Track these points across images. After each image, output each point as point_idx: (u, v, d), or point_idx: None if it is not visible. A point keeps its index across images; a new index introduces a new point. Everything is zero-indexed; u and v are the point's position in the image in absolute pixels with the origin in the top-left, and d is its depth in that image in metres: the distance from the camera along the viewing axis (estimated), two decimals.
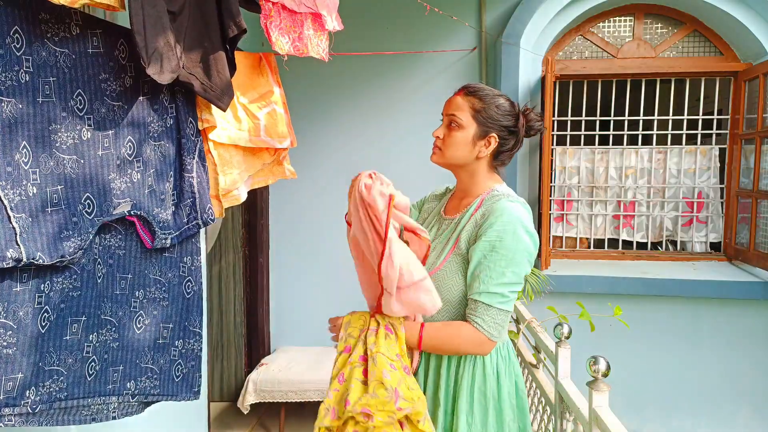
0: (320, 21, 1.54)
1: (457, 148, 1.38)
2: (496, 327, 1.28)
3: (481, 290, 1.28)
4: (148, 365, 1.27)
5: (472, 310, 1.30)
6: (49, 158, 1.05)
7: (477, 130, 1.36)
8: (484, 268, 1.28)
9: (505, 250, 1.27)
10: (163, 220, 1.24)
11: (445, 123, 1.41)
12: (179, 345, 1.32)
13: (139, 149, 1.22)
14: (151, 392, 1.28)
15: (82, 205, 1.11)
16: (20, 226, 0.99)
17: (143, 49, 1.06)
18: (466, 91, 1.39)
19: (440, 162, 1.43)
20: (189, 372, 1.34)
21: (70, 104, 1.08)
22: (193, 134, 1.30)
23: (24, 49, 1.00)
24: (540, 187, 3.18)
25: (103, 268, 1.18)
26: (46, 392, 1.09)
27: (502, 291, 1.28)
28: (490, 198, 1.38)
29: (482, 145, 1.38)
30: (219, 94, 1.27)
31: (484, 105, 1.36)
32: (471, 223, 1.35)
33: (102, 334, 1.19)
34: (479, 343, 1.29)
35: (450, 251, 1.36)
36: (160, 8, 1.09)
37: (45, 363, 1.08)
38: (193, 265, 1.33)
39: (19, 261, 0.97)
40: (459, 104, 1.38)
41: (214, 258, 3.55)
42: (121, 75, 1.17)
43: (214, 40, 1.25)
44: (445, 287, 1.35)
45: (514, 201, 1.34)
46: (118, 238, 1.20)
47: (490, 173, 1.43)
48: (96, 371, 1.19)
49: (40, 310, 1.05)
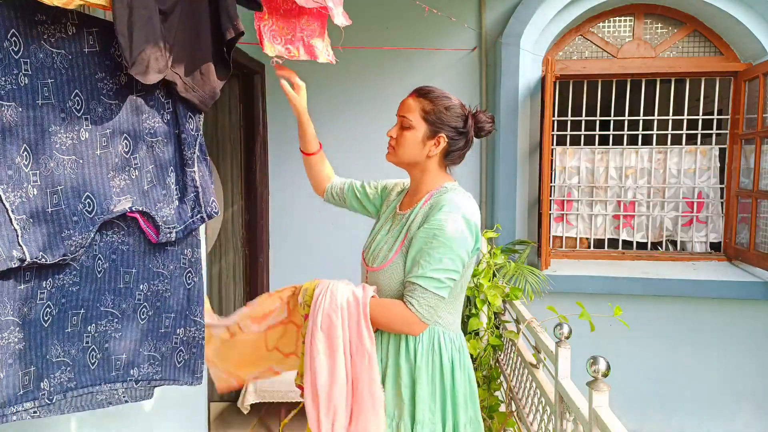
0: (321, 22, 1.55)
1: (408, 148, 1.45)
2: (429, 310, 1.35)
3: (419, 274, 1.34)
4: (151, 353, 1.31)
5: (409, 291, 1.36)
6: (49, 160, 1.06)
7: (426, 131, 1.43)
8: (424, 254, 1.34)
9: (445, 238, 1.33)
10: (167, 215, 1.26)
11: (398, 123, 1.48)
12: (180, 333, 1.35)
13: (137, 146, 1.22)
14: (153, 377, 1.32)
15: (82, 204, 1.11)
16: (21, 228, 1.00)
17: (126, 50, 1.06)
18: (417, 93, 1.46)
19: (393, 161, 1.51)
20: (191, 358, 1.37)
21: (68, 105, 1.08)
22: (192, 129, 1.31)
23: (22, 52, 1.00)
24: (540, 187, 3.18)
25: (105, 263, 1.20)
26: (57, 382, 1.14)
27: (439, 276, 1.33)
28: (438, 193, 1.45)
29: (432, 144, 1.44)
30: (201, 95, 1.27)
31: (433, 107, 1.43)
32: (419, 215, 1.42)
33: (101, 325, 1.22)
34: (410, 323, 1.36)
35: (399, 246, 1.43)
36: (151, 8, 1.09)
37: (52, 355, 1.12)
38: (194, 257, 1.35)
39: (23, 261, 0.99)
40: (410, 106, 1.45)
41: (214, 258, 3.55)
42: (117, 73, 1.17)
43: (203, 40, 1.26)
44: (395, 281, 1.42)
45: (460, 193, 1.43)
46: (121, 234, 1.22)
47: (440, 171, 1.50)
48: (98, 360, 1.22)
49: (42, 305, 1.08)
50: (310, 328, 1.38)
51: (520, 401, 2.10)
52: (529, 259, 3.29)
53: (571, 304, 2.15)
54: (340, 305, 1.37)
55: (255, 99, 3.39)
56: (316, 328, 1.37)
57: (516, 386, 2.20)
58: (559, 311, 1.99)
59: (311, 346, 1.37)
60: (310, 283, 1.47)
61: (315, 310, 1.39)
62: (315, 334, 1.37)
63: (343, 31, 1.65)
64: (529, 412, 2.00)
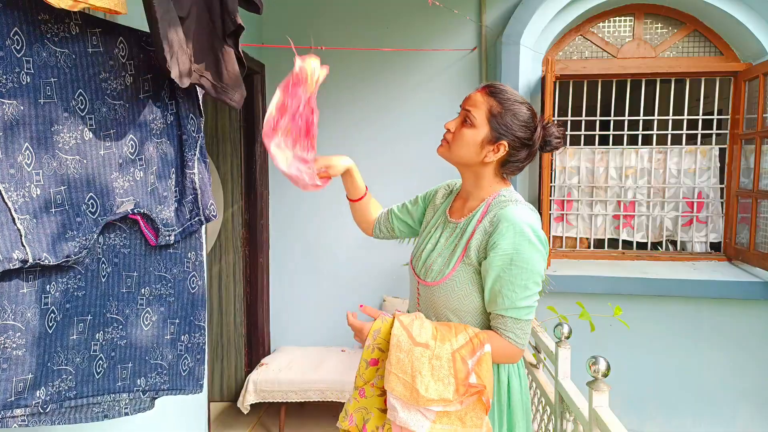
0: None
1: (464, 147, 1.31)
2: (525, 336, 1.28)
3: (507, 306, 1.25)
4: (158, 361, 1.28)
5: (500, 324, 1.27)
6: (51, 159, 1.05)
7: (488, 134, 1.29)
8: (505, 283, 1.24)
9: (523, 262, 1.23)
10: (166, 218, 1.25)
11: (460, 117, 1.34)
12: (185, 340, 1.33)
13: (141, 147, 1.22)
14: (161, 387, 1.30)
15: (85, 205, 1.11)
16: (25, 228, 0.99)
17: (168, 53, 1.06)
18: (488, 90, 1.31)
19: (445, 156, 1.37)
20: (194, 366, 1.35)
21: (72, 104, 1.08)
22: (194, 130, 1.31)
23: (24, 51, 1.00)
24: (540, 187, 3.18)
25: (108, 267, 1.18)
26: (55, 392, 1.10)
27: (528, 303, 1.26)
28: (496, 203, 1.32)
29: (490, 150, 1.31)
30: (231, 93, 1.27)
31: (501, 109, 1.29)
32: (480, 231, 1.30)
33: (108, 333, 1.20)
34: (512, 355, 1.28)
35: (458, 260, 1.31)
36: (173, 14, 1.10)
37: (53, 363, 1.09)
38: (197, 261, 1.34)
39: (25, 262, 0.98)
40: (477, 101, 1.31)
41: (214, 258, 3.55)
42: (122, 74, 1.17)
43: (219, 39, 1.26)
44: (454, 297, 1.31)
45: (521, 206, 1.30)
46: (123, 236, 1.21)
47: (496, 178, 1.37)
48: (104, 369, 1.19)
49: (46, 310, 1.06)
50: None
51: None
52: None
53: (571, 304, 2.15)
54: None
55: (255, 99, 3.40)
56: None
57: None
58: (559, 311, 2.00)
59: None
60: (381, 323, 1.28)
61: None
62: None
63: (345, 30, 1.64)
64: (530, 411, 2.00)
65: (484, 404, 1.19)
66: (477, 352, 1.20)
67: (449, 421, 1.16)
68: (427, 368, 1.16)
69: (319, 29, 3.40)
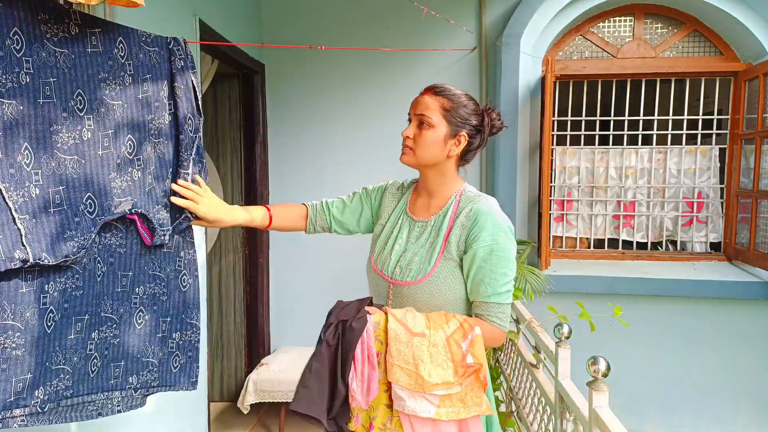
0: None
1: (429, 148, 1.39)
2: (507, 318, 1.38)
3: (490, 293, 1.35)
4: (149, 359, 1.29)
5: (484, 310, 1.36)
6: (50, 159, 1.05)
7: (448, 130, 1.39)
8: (487, 272, 1.34)
9: (502, 251, 1.34)
10: (162, 218, 1.25)
11: (415, 123, 1.42)
12: (176, 337, 1.33)
13: (139, 148, 1.22)
14: (151, 384, 1.30)
15: (83, 204, 1.11)
16: (25, 227, 0.99)
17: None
18: (434, 91, 1.41)
19: (411, 162, 1.43)
20: (186, 363, 1.35)
21: (71, 104, 1.08)
22: (191, 130, 1.31)
23: (24, 51, 1.00)
24: (540, 187, 3.18)
25: (104, 266, 1.18)
26: (53, 391, 1.10)
27: (508, 288, 1.37)
28: (466, 199, 1.42)
29: (453, 144, 1.40)
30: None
31: (453, 104, 1.39)
32: (458, 226, 1.39)
33: (102, 331, 1.20)
34: (497, 338, 1.38)
35: (439, 256, 1.39)
36: None
37: (51, 362, 1.09)
38: (188, 258, 1.34)
39: (25, 262, 0.98)
40: (429, 104, 1.40)
41: (214, 258, 3.55)
42: (120, 74, 1.17)
43: None
44: (438, 292, 1.38)
45: (491, 200, 1.42)
46: (119, 236, 1.21)
47: (456, 173, 1.48)
48: (98, 368, 1.20)
49: (45, 310, 1.05)
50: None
51: (520, 401, 2.11)
52: (529, 259, 3.29)
53: (571, 304, 2.15)
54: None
55: (255, 99, 3.40)
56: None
57: (516, 386, 2.20)
58: (559, 311, 1.99)
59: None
60: (379, 316, 1.32)
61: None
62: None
63: (344, 30, 1.64)
64: (529, 412, 2.01)
65: (482, 383, 1.28)
66: (468, 335, 1.29)
67: (452, 404, 1.26)
68: (426, 356, 1.25)
69: (319, 29, 3.40)
